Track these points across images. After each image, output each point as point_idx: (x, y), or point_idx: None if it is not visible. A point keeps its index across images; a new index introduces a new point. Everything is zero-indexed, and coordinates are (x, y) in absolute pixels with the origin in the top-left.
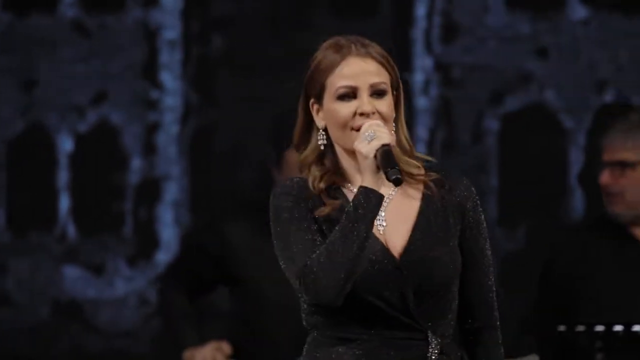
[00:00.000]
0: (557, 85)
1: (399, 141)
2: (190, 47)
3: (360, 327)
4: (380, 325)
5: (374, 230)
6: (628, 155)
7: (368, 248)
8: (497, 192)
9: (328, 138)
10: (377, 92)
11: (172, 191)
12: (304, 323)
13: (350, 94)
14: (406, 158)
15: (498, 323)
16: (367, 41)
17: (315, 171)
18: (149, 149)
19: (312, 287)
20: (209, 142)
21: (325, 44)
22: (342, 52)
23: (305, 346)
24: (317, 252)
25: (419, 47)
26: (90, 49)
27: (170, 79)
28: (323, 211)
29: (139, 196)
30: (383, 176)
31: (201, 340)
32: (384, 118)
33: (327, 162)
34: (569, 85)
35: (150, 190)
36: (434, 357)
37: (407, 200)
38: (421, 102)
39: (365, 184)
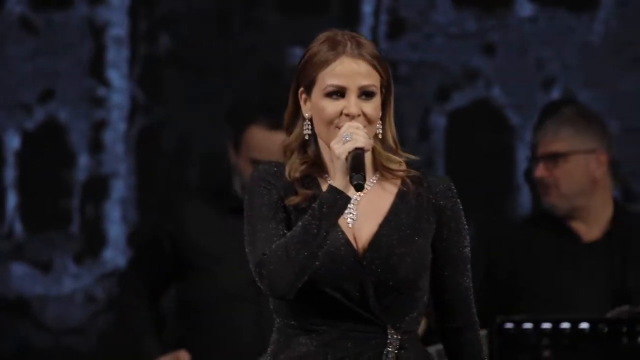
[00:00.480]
0: (503, 82)
1: (385, 139)
2: (137, 44)
3: (321, 319)
4: (340, 317)
5: (343, 223)
6: (560, 147)
7: (333, 240)
8: None
9: (313, 128)
10: (365, 94)
11: (119, 189)
12: (272, 308)
13: (338, 93)
14: (388, 154)
15: (477, 320)
16: (362, 40)
17: (295, 159)
18: (96, 147)
19: (266, 278)
20: (156, 140)
21: (321, 36)
22: (336, 50)
23: (272, 334)
24: (277, 243)
25: None
26: (38, 46)
27: (117, 76)
28: (293, 200)
29: (86, 194)
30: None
31: (163, 348)
32: (368, 120)
33: (310, 151)
34: (516, 82)
35: (97, 188)
36: (390, 351)
37: (381, 195)
38: None
39: (334, 184)
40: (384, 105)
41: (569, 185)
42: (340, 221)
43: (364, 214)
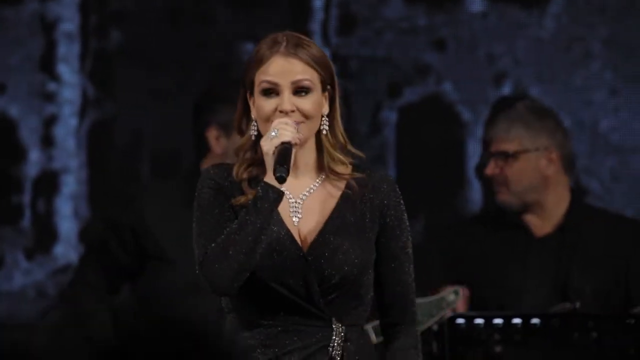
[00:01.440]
0: (454, 78)
1: (334, 136)
2: (88, 40)
3: (268, 314)
4: (286, 312)
5: (288, 221)
6: (510, 146)
7: (278, 238)
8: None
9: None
10: (299, 90)
11: (70, 184)
12: (222, 305)
13: (272, 91)
14: (337, 154)
15: (415, 318)
16: (302, 40)
17: (242, 160)
18: (47, 142)
19: (206, 276)
20: (107, 135)
21: (266, 38)
22: (272, 50)
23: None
24: (216, 241)
25: (316, 39)
26: None
27: (68, 71)
28: (239, 200)
29: (37, 189)
30: (299, 171)
31: None
32: (305, 115)
33: (258, 151)
34: (467, 77)
35: (48, 183)
36: (336, 344)
37: (326, 195)
38: None
39: (266, 179)
40: (330, 104)
41: (520, 183)
42: (286, 219)
43: (309, 213)
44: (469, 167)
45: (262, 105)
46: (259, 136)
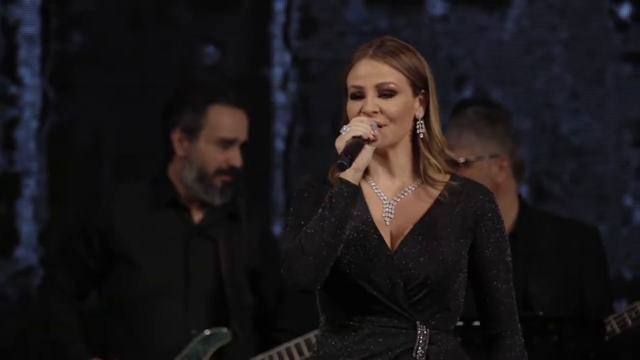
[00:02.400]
0: None
1: (431, 139)
2: (49, 42)
3: (354, 314)
4: (371, 313)
5: (380, 221)
6: (462, 154)
7: (366, 235)
8: None
9: None
10: (384, 93)
11: (31, 187)
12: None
13: (358, 94)
14: (434, 160)
15: (519, 327)
16: (389, 42)
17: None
18: (8, 145)
19: (287, 272)
20: (68, 138)
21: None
22: (361, 53)
23: (318, 331)
24: (295, 239)
25: (277, 42)
26: None
27: (29, 74)
28: (326, 198)
29: None
30: (394, 173)
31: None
32: (389, 118)
33: None
34: None
35: (9, 186)
36: (420, 348)
37: (420, 199)
38: (279, 97)
39: (341, 176)
40: (424, 106)
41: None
42: (378, 219)
43: (401, 215)
44: None
45: (350, 108)
46: None
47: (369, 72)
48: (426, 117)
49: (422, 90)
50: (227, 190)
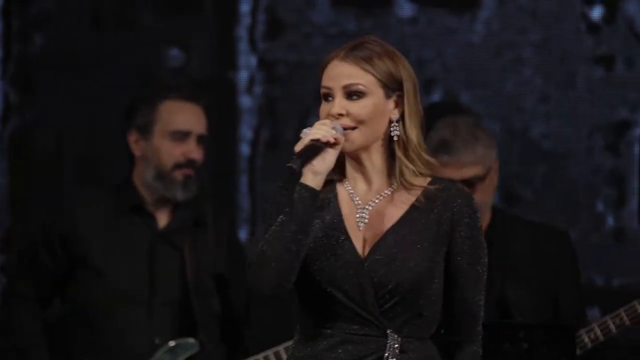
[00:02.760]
0: None
1: (407, 142)
2: (10, 44)
3: (326, 322)
4: (342, 320)
5: (354, 227)
6: (478, 170)
7: (337, 241)
8: None
9: None
10: (350, 94)
11: None
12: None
13: (328, 95)
14: (410, 164)
15: (477, 338)
16: (368, 44)
17: None
18: None
19: (251, 278)
20: (29, 141)
21: None
22: (333, 55)
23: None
24: (258, 244)
25: (243, 44)
26: None
27: None
28: None
29: None
30: (370, 178)
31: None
32: (357, 120)
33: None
34: None
35: None
36: (390, 355)
37: (396, 204)
38: (245, 100)
39: (302, 180)
40: (398, 107)
41: (487, 203)
42: (351, 224)
43: (375, 220)
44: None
45: (321, 109)
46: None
47: (337, 73)
48: (402, 120)
49: (397, 92)
50: (189, 184)
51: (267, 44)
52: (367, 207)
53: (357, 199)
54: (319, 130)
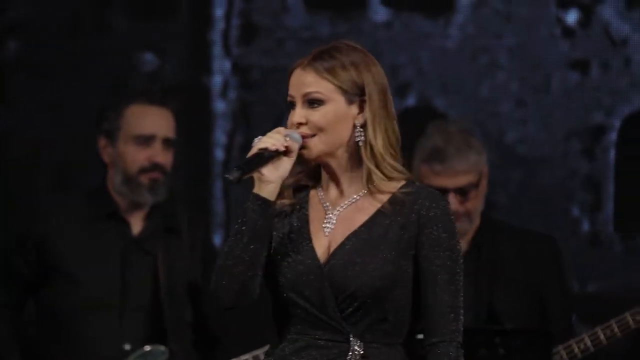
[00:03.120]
0: None
1: (371, 147)
2: None
3: (292, 327)
4: (307, 325)
5: (320, 232)
6: (471, 178)
7: (300, 247)
8: None
9: None
10: (310, 102)
11: None
12: None
13: (292, 104)
14: (377, 169)
15: (453, 338)
16: (332, 51)
17: (297, 168)
18: None
19: (212, 290)
20: (4, 147)
21: None
22: (297, 64)
23: None
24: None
25: (217, 49)
26: None
27: None
28: (278, 204)
29: None
30: (339, 183)
31: None
32: (317, 128)
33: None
34: None
35: None
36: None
37: (361, 209)
38: (219, 105)
39: (254, 190)
40: (364, 112)
41: (477, 210)
42: (317, 230)
43: (341, 225)
44: None
45: (289, 117)
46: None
47: (298, 82)
48: (367, 125)
49: (361, 98)
50: (156, 188)
51: (241, 48)
52: (335, 212)
53: (327, 204)
54: (269, 139)
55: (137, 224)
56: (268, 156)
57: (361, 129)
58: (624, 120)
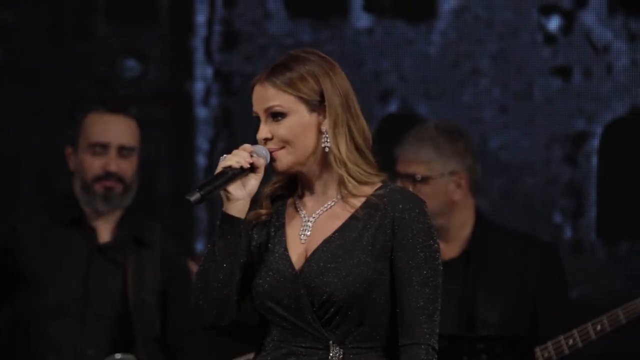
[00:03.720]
0: None
1: (339, 152)
2: None
3: (272, 335)
4: (286, 333)
5: (296, 240)
6: (419, 169)
7: (275, 256)
8: None
9: None
10: (273, 116)
11: None
12: None
13: (258, 119)
14: (344, 172)
15: (423, 341)
16: (285, 64)
17: (273, 179)
18: None
19: (191, 310)
20: None
21: None
22: (256, 79)
23: None
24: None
25: (199, 55)
26: None
27: None
28: (252, 215)
29: None
30: (314, 191)
31: None
32: (282, 141)
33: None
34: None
35: None
36: None
37: (336, 214)
38: (201, 112)
39: (224, 209)
40: (327, 120)
41: (433, 207)
42: (293, 238)
43: (317, 232)
44: None
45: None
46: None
47: (258, 97)
48: (331, 129)
49: (324, 103)
50: (111, 197)
51: (223, 55)
52: (311, 219)
53: (303, 212)
54: (233, 157)
55: (105, 233)
56: (232, 175)
57: (326, 135)
58: (606, 127)
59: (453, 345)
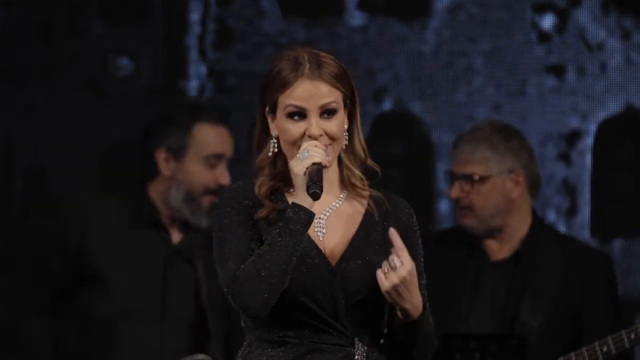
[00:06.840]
0: None
1: (353, 149)
2: None
3: (292, 331)
4: (311, 329)
5: (314, 237)
6: (475, 169)
7: (307, 252)
8: None
9: (280, 146)
10: (326, 113)
11: None
12: (242, 325)
13: (299, 114)
14: (356, 170)
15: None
16: (323, 58)
17: (263, 175)
18: None
19: (238, 299)
20: None
21: (285, 54)
22: (297, 72)
23: (241, 349)
24: (247, 262)
25: (192, 54)
26: None
27: None
28: (262, 213)
29: None
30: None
31: None
32: (332, 138)
33: (279, 166)
34: None
35: None
36: None
37: (350, 212)
38: None
39: (297, 201)
40: (350, 118)
41: (485, 207)
42: (312, 234)
43: (333, 229)
44: None
45: (288, 128)
46: (280, 152)
47: (311, 93)
48: (350, 128)
49: (348, 101)
50: (213, 212)
51: (217, 53)
52: (322, 217)
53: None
54: (318, 154)
55: (176, 233)
56: (321, 170)
57: (346, 133)
58: (599, 125)
59: (446, 344)
